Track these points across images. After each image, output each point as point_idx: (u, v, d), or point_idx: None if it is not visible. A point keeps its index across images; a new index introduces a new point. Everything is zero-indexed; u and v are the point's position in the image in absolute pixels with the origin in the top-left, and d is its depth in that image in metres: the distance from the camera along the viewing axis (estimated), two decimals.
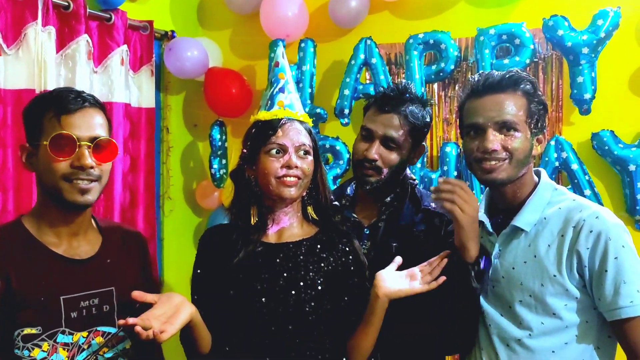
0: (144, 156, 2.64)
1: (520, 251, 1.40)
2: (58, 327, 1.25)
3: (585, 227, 1.32)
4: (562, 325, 1.34)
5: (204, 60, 2.72)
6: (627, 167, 2.12)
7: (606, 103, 2.21)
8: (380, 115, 1.58)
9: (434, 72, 2.41)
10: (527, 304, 1.36)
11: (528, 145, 1.39)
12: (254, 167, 1.46)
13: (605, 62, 2.20)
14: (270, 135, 1.43)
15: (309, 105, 2.58)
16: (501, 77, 1.40)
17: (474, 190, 2.31)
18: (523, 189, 1.44)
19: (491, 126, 1.38)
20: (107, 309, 1.33)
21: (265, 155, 1.43)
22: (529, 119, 1.38)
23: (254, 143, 1.46)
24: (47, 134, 1.25)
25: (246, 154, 1.48)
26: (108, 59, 2.38)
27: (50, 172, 1.25)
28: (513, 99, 1.38)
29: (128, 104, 2.51)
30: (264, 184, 1.44)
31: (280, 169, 1.41)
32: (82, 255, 1.33)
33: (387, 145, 1.56)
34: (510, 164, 1.38)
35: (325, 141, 2.57)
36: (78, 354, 1.27)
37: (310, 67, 2.60)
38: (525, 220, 1.40)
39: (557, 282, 1.33)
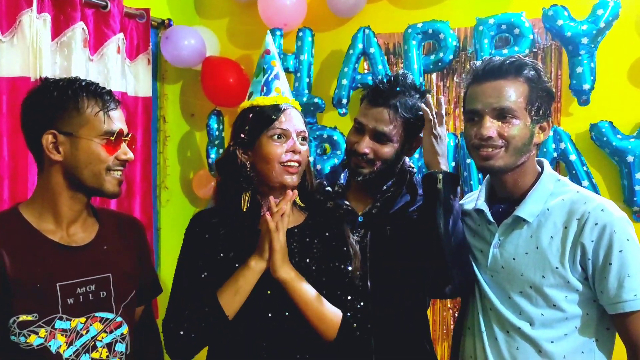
0: (140, 146, 2.62)
1: (522, 242, 1.38)
2: (55, 313, 1.26)
3: (590, 220, 1.31)
4: (562, 317, 1.34)
5: (201, 49, 2.70)
6: (625, 158, 2.12)
7: (605, 94, 2.20)
8: (371, 109, 1.56)
9: (433, 62, 2.40)
10: (527, 295, 1.36)
11: (527, 133, 1.37)
12: (250, 153, 1.45)
13: (605, 52, 2.18)
14: (273, 121, 1.43)
15: (306, 95, 2.56)
16: (501, 62, 1.38)
17: (471, 181, 2.31)
18: (524, 178, 1.42)
19: (488, 113, 1.36)
20: (104, 295, 1.34)
21: (268, 140, 1.42)
22: (529, 106, 1.36)
23: (254, 128, 1.44)
24: (94, 126, 1.29)
25: (244, 138, 1.46)
26: (104, 47, 2.35)
27: (97, 164, 1.30)
28: (513, 85, 1.36)
29: (124, 93, 2.49)
30: (264, 170, 1.43)
31: (284, 153, 1.41)
32: (78, 242, 1.34)
33: (378, 139, 1.54)
34: (507, 151, 1.36)
35: (323, 131, 2.56)
36: (77, 339, 1.29)
37: (308, 57, 2.58)
38: (529, 210, 1.38)
39: (559, 274, 1.33)
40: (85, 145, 1.29)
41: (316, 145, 2.56)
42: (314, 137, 2.56)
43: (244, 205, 1.45)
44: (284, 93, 1.50)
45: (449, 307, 2.51)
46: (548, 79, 1.43)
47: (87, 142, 1.29)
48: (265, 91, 1.49)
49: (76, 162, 1.30)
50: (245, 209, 1.45)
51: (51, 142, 1.28)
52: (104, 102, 1.32)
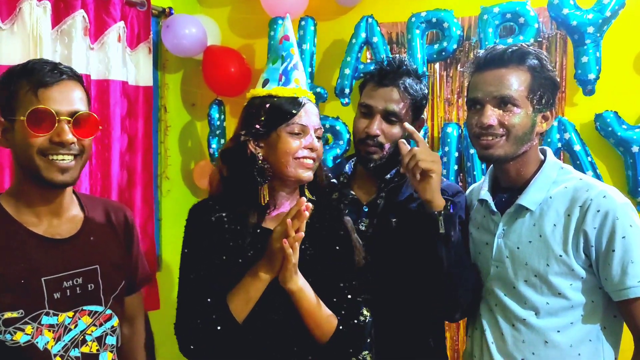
0: (141, 135, 2.61)
1: (525, 231, 1.38)
2: (41, 309, 1.21)
3: (593, 207, 1.30)
4: (567, 305, 1.33)
5: (203, 38, 2.68)
6: (630, 149, 2.10)
7: (610, 84, 2.19)
8: (378, 89, 1.55)
9: (436, 51, 2.37)
10: (532, 284, 1.35)
11: (528, 122, 1.36)
12: (262, 145, 1.39)
13: (611, 41, 2.16)
14: (293, 115, 1.37)
15: (309, 84, 2.53)
16: (503, 51, 1.38)
17: (475, 172, 2.29)
18: (527, 167, 1.41)
19: (489, 101, 1.36)
20: (92, 287, 1.29)
21: (286, 134, 1.37)
22: (530, 95, 1.35)
23: (271, 120, 1.38)
24: (23, 108, 1.20)
25: (259, 130, 1.39)
26: (105, 36, 2.33)
27: (27, 148, 1.20)
28: (515, 73, 1.35)
29: (125, 82, 2.47)
30: (278, 163, 1.37)
31: (301, 149, 1.37)
32: (63, 235, 1.29)
33: (388, 119, 1.53)
34: (507, 140, 1.36)
35: (325, 121, 2.54)
36: (65, 334, 1.24)
37: (311, 46, 2.56)
38: (531, 199, 1.38)
39: (563, 262, 1.32)
40: (17, 128, 1.21)
41: None
42: None
43: (263, 199, 1.39)
44: (302, 85, 1.43)
45: None
46: (552, 68, 1.41)
47: (20, 125, 1.21)
48: (284, 81, 1.42)
49: (15, 147, 1.23)
50: (264, 203, 1.39)
51: (1, 130, 1.23)
52: (35, 79, 1.21)
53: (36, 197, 1.26)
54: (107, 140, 2.38)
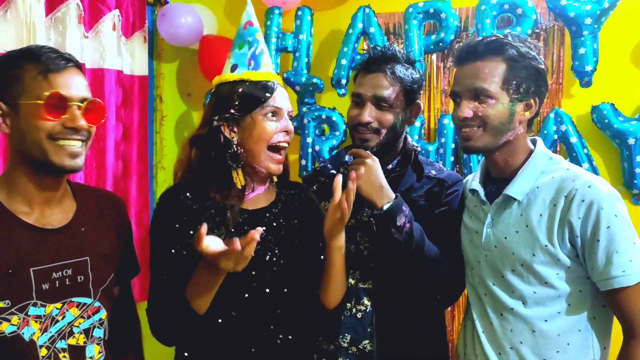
0: (136, 125, 2.60)
1: (513, 220, 1.39)
2: (28, 299, 1.19)
3: (577, 197, 1.30)
4: (554, 295, 1.34)
5: (199, 27, 2.66)
6: (627, 141, 2.10)
7: (607, 76, 2.18)
8: (366, 76, 1.57)
9: (433, 42, 2.36)
10: (519, 274, 1.36)
11: (505, 112, 1.36)
12: (237, 130, 1.39)
13: (608, 33, 2.16)
14: (267, 98, 1.38)
15: (305, 75, 2.53)
16: (477, 44, 1.39)
17: (471, 163, 2.29)
18: (514, 157, 1.42)
19: (465, 94, 1.39)
20: (82, 279, 1.27)
21: (262, 117, 1.38)
22: (506, 85, 1.36)
23: (246, 103, 1.38)
24: (31, 92, 1.19)
25: (234, 114, 1.38)
26: (99, 24, 2.32)
27: (35, 133, 1.19)
28: (490, 65, 1.36)
29: (120, 71, 2.46)
30: (252, 149, 1.38)
31: (277, 133, 1.38)
32: (54, 224, 1.26)
33: (379, 105, 1.55)
34: (485, 131, 1.37)
35: (322, 112, 2.52)
36: (52, 325, 1.22)
37: (307, 36, 2.54)
38: (518, 189, 1.38)
39: (548, 252, 1.32)
40: (24, 112, 1.19)
41: (315, 126, 2.54)
42: (312, 118, 2.53)
43: (239, 182, 1.39)
44: (271, 69, 1.45)
45: None
46: (536, 55, 1.39)
47: (26, 109, 1.19)
48: (253, 65, 1.42)
49: (19, 132, 1.21)
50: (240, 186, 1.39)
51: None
52: (44, 64, 1.20)
53: (30, 185, 1.24)
54: (102, 130, 2.37)
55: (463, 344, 1.52)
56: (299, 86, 2.53)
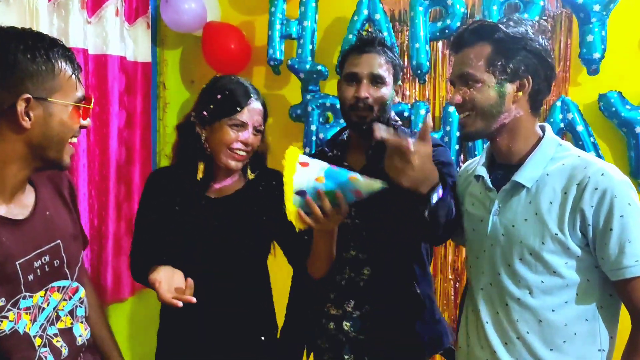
0: (140, 112, 2.59)
1: (521, 208, 1.36)
2: (19, 293, 1.16)
3: (590, 185, 1.27)
4: (562, 284, 1.32)
5: (202, 13, 2.63)
6: (634, 129, 2.08)
7: (615, 64, 2.16)
8: (361, 56, 1.62)
9: (439, 29, 2.34)
10: (527, 262, 1.34)
11: (493, 94, 1.34)
12: (207, 128, 1.60)
13: (616, 21, 2.13)
14: (236, 112, 1.58)
15: (309, 62, 2.51)
16: (463, 31, 1.39)
17: (476, 152, 2.28)
18: (518, 142, 1.39)
19: (456, 81, 1.40)
20: (58, 263, 1.25)
21: (226, 126, 1.58)
22: (490, 67, 1.34)
23: (219, 111, 1.59)
24: (66, 92, 1.16)
25: (206, 116, 1.60)
26: (102, 9, 2.30)
27: (67, 132, 1.18)
28: (474, 50, 1.36)
29: (123, 57, 2.44)
30: (215, 149, 1.59)
31: (236, 142, 1.58)
32: (24, 214, 1.21)
33: (375, 82, 1.61)
34: (477, 116, 1.36)
35: (326, 99, 2.51)
36: (39, 314, 1.20)
37: (312, 23, 2.52)
38: (527, 176, 1.35)
39: (558, 241, 1.30)
40: (59, 111, 1.15)
41: (318, 113, 2.52)
42: (316, 106, 2.51)
43: (199, 173, 1.62)
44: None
45: (449, 278, 2.51)
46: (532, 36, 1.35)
47: (62, 109, 1.16)
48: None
49: (48, 130, 1.15)
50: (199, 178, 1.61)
51: (24, 108, 1.13)
52: (74, 64, 1.18)
53: (11, 178, 1.17)
54: (105, 116, 2.36)
55: (465, 335, 1.50)
56: (303, 73, 2.51)
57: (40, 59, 1.13)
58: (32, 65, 1.12)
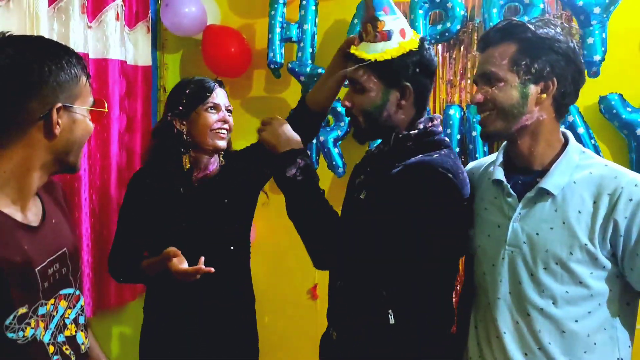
0: (140, 116, 2.59)
1: (546, 216, 1.32)
2: (38, 300, 1.17)
3: (624, 195, 1.25)
4: (587, 294, 1.29)
5: (202, 17, 2.63)
6: (635, 132, 2.08)
7: (615, 66, 2.16)
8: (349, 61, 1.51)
9: (439, 32, 2.34)
10: (552, 272, 1.30)
11: (516, 94, 1.32)
12: (185, 122, 1.81)
13: (617, 23, 2.13)
14: (207, 97, 1.81)
15: (310, 65, 2.51)
16: (490, 30, 1.39)
17: (477, 154, 2.28)
18: (540, 146, 1.36)
19: (478, 81, 1.39)
20: (65, 271, 1.26)
21: (203, 111, 1.80)
22: (514, 66, 1.32)
23: (191, 101, 1.81)
24: (84, 97, 1.20)
25: (182, 110, 1.81)
26: (102, 14, 2.30)
27: (86, 137, 1.23)
28: (500, 49, 1.34)
29: (124, 62, 2.45)
30: (199, 136, 1.81)
31: (216, 122, 1.81)
32: (37, 221, 1.22)
33: (354, 88, 1.48)
34: (498, 115, 1.34)
35: None
36: (50, 321, 1.21)
37: (312, 26, 2.52)
38: (554, 183, 1.31)
39: (587, 251, 1.27)
40: (82, 118, 1.20)
41: None
42: None
43: (186, 164, 1.83)
44: None
45: None
46: (560, 37, 1.32)
47: (81, 115, 1.19)
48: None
49: (72, 136, 1.18)
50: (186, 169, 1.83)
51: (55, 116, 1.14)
52: (86, 71, 1.21)
53: (32, 185, 1.19)
54: (106, 121, 2.36)
55: (477, 348, 1.44)
56: (303, 76, 2.51)
57: (69, 68, 1.16)
58: (62, 75, 1.15)
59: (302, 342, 1.86)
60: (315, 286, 2.68)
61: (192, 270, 1.62)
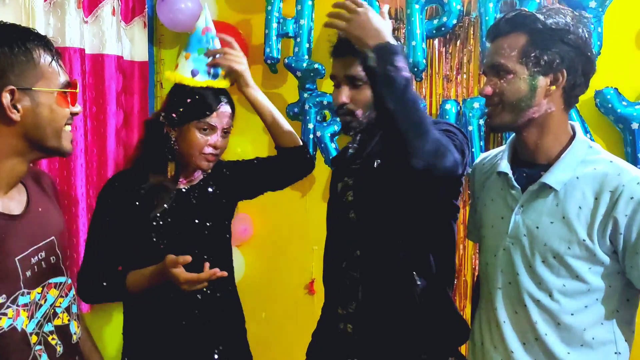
0: (137, 111, 2.59)
1: (547, 210, 1.31)
2: (18, 289, 1.16)
3: (625, 193, 1.24)
4: (584, 289, 1.29)
5: (199, 12, 2.61)
6: (630, 126, 2.09)
7: (611, 60, 2.16)
8: (337, 59, 1.52)
9: (435, 27, 2.34)
10: (550, 265, 1.30)
11: (525, 87, 1.30)
12: (177, 130, 1.61)
13: (612, 17, 2.13)
14: (206, 115, 1.59)
15: (306, 60, 2.51)
16: (499, 21, 1.36)
17: (473, 148, 2.28)
18: (547, 139, 1.34)
19: (487, 72, 1.36)
20: (54, 259, 1.26)
21: (195, 129, 1.59)
22: (523, 58, 1.29)
23: (187, 113, 1.59)
24: (49, 79, 1.16)
25: (174, 118, 1.60)
26: (99, 9, 2.30)
27: (58, 120, 1.18)
28: (509, 40, 1.31)
29: (120, 57, 2.44)
30: (186, 152, 1.61)
31: (206, 146, 1.60)
32: (20, 209, 1.21)
33: (353, 85, 1.49)
34: (504, 108, 1.32)
35: (323, 98, 2.51)
36: (37, 310, 1.20)
37: (308, 22, 2.52)
38: (557, 178, 1.30)
39: (586, 247, 1.27)
40: (44, 100, 1.16)
41: (316, 112, 2.52)
42: (313, 104, 2.52)
43: (170, 173, 1.64)
44: (223, 76, 1.65)
45: None
46: (572, 28, 1.30)
47: (48, 96, 1.16)
48: (212, 73, 1.62)
49: (38, 119, 1.16)
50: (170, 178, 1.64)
51: (10, 100, 1.13)
52: (52, 49, 1.18)
53: (10, 170, 1.18)
54: (103, 116, 2.36)
55: (479, 335, 1.46)
56: (300, 72, 2.52)
57: (18, 49, 1.13)
58: (10, 57, 1.13)
59: (299, 337, 1.86)
60: (313, 281, 2.69)
61: (205, 276, 1.47)
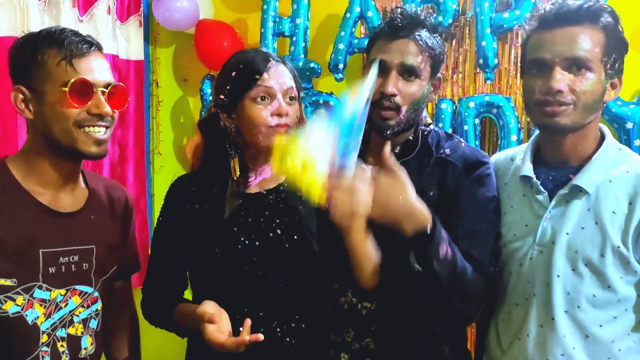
0: (133, 110, 2.58)
1: (578, 215, 1.24)
2: (35, 281, 1.18)
3: None
4: (614, 299, 1.24)
5: (195, 11, 2.63)
6: (625, 125, 2.09)
7: None
8: (392, 42, 1.31)
9: None
10: (580, 274, 1.23)
11: (600, 89, 1.22)
12: (234, 116, 1.34)
13: None
14: (256, 80, 1.30)
15: (302, 59, 2.51)
16: (578, 7, 1.22)
17: None
18: (585, 142, 1.27)
19: (559, 63, 1.21)
20: (86, 267, 1.27)
21: (251, 102, 1.30)
22: (605, 58, 1.21)
23: (236, 88, 1.32)
24: (56, 79, 1.17)
25: (224, 100, 1.33)
26: (94, 8, 2.30)
27: (63, 120, 1.18)
28: (589, 32, 1.20)
29: (116, 56, 2.44)
30: (250, 134, 1.32)
31: (270, 117, 1.30)
32: (66, 209, 1.26)
33: (405, 76, 1.31)
34: (575, 108, 1.21)
35: (319, 97, 2.51)
36: (55, 312, 1.21)
37: (304, 21, 2.52)
38: (589, 180, 1.24)
39: (620, 254, 1.21)
40: (49, 99, 1.18)
41: (312, 111, 2.52)
42: (309, 103, 2.51)
43: (235, 172, 1.36)
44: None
45: None
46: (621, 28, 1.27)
47: (52, 96, 1.18)
48: None
49: (45, 119, 1.19)
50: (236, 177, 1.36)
51: (21, 99, 1.19)
52: (68, 49, 1.18)
53: (49, 168, 1.23)
54: None
55: (498, 348, 1.37)
56: (296, 71, 2.51)
57: (30, 52, 1.18)
58: (24, 59, 1.19)
59: None
60: None
61: (231, 344, 1.16)
